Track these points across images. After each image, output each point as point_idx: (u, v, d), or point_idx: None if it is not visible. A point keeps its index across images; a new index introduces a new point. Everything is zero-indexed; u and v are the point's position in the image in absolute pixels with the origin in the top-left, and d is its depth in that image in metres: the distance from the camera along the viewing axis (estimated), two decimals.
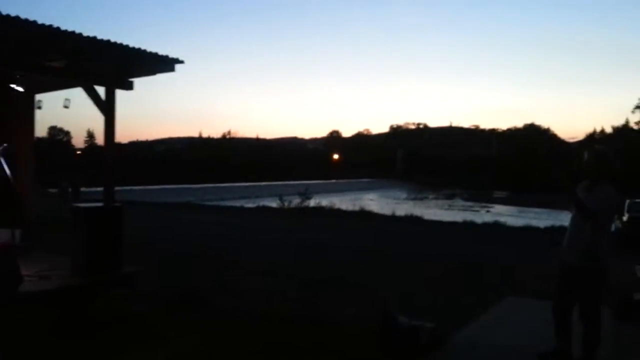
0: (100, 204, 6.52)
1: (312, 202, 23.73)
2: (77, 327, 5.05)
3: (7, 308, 5.15)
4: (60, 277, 6.11)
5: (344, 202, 31.86)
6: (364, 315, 5.61)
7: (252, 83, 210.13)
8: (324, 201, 26.28)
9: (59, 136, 78.89)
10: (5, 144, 6.70)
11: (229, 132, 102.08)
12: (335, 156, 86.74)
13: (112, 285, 6.27)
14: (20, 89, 6.51)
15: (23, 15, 4.86)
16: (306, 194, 23.43)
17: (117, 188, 6.82)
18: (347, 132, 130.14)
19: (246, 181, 58.58)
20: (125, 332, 5.02)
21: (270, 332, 5.07)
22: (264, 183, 56.47)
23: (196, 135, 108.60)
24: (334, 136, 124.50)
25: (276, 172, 68.35)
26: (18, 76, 6.33)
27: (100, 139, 7.27)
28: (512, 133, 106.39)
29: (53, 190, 28.76)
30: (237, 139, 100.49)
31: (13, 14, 4.77)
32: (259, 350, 4.56)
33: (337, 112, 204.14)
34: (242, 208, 25.28)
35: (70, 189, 29.38)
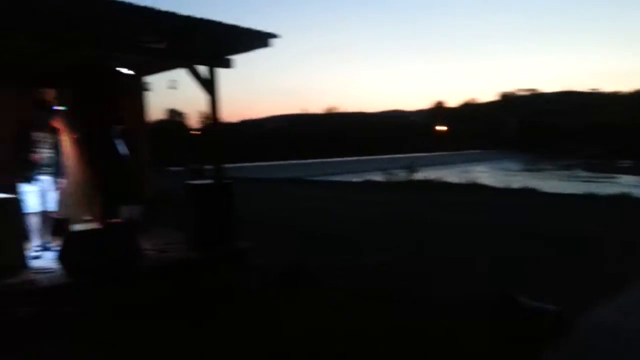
0: (210, 181, 6.68)
1: (419, 176, 23.15)
2: (195, 301, 5.23)
3: (128, 281, 5.45)
4: (177, 252, 6.38)
5: (452, 174, 30.77)
6: (476, 294, 5.27)
7: (354, 57, 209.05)
8: (432, 174, 25.49)
9: (176, 117, 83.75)
10: (120, 126, 7.08)
11: (331, 108, 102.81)
12: (441, 128, 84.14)
13: (226, 260, 6.43)
14: (129, 71, 6.79)
15: None
16: (412, 167, 22.90)
17: (229, 165, 6.94)
18: (452, 103, 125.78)
19: (351, 156, 58.71)
20: (239, 307, 5.11)
21: (381, 312, 4.92)
22: (368, 157, 56.22)
23: (300, 112, 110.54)
24: (439, 107, 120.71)
25: (380, 146, 67.80)
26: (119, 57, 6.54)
27: (220, 119, 7.46)
28: (638, 96, 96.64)
29: (175, 169, 30.54)
30: (340, 114, 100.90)
31: None
32: (376, 332, 4.41)
33: (442, 82, 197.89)
34: (348, 183, 25.31)
35: (194, 167, 31.00)
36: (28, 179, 6.17)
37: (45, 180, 6.34)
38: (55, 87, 7.69)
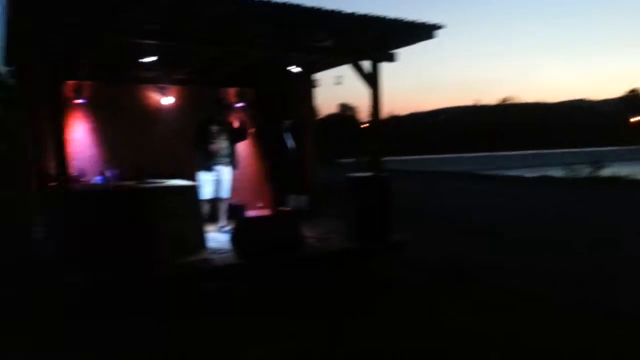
0: (368, 174, 6.78)
1: (606, 172, 20.77)
2: (352, 292, 5.38)
3: (291, 266, 5.81)
4: (337, 241, 6.59)
5: None
6: None
7: (531, 46, 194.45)
8: (622, 171, 22.73)
9: (347, 111, 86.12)
10: (290, 120, 7.55)
11: (507, 98, 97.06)
12: (637, 118, 74.20)
13: (381, 252, 6.50)
14: (298, 69, 7.19)
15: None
16: (598, 162, 20.64)
17: (395, 158, 6.98)
18: None
19: (528, 149, 54.87)
20: (395, 302, 5.14)
21: (543, 316, 4.58)
22: (548, 151, 52.04)
23: (473, 103, 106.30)
24: (634, 95, 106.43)
25: (562, 139, 62.30)
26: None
27: (382, 113, 7.55)
28: None
29: (346, 161, 31.54)
30: (516, 105, 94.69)
31: None
32: (537, 341, 4.11)
33: (637, 67, 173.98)
34: (522, 178, 23.72)
35: (363, 160, 31.76)
36: (207, 168, 6.90)
37: (223, 169, 7.03)
38: (236, 86, 8.46)
